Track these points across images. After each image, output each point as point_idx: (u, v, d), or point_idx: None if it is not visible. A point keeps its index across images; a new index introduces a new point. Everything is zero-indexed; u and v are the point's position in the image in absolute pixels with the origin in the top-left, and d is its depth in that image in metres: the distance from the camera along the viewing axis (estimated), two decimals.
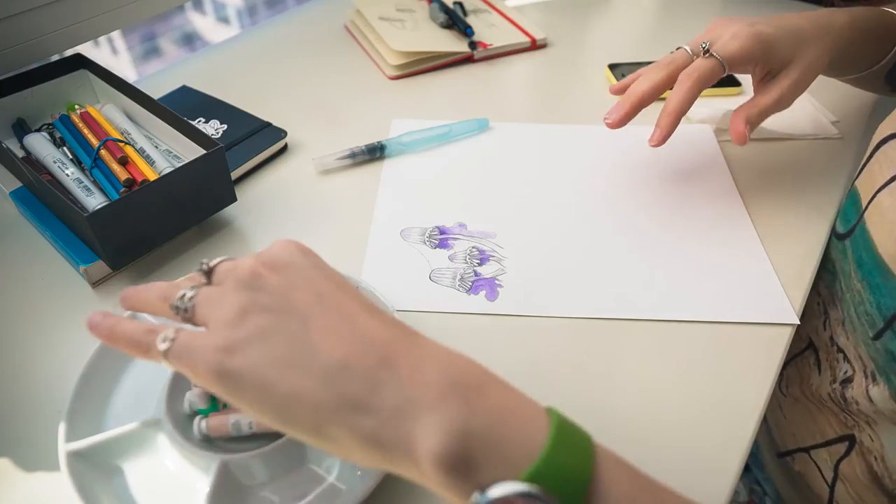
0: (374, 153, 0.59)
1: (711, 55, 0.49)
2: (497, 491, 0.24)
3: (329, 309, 0.29)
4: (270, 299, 0.29)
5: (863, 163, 0.48)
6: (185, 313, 0.30)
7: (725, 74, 0.50)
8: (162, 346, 0.29)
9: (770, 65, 0.51)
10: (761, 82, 0.52)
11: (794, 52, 0.50)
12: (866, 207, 0.45)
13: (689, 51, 0.51)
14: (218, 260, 0.32)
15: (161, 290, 0.32)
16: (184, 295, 0.30)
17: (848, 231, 0.48)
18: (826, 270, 0.52)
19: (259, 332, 0.28)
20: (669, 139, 0.61)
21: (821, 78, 0.70)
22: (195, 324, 0.30)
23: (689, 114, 0.64)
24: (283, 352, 0.27)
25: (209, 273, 0.31)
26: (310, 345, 0.27)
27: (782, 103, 0.51)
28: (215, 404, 0.37)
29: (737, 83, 0.68)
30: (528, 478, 0.24)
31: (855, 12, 0.53)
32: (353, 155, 0.58)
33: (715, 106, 0.64)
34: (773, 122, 0.63)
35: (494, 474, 0.25)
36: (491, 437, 0.25)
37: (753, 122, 0.51)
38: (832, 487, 0.51)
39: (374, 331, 0.28)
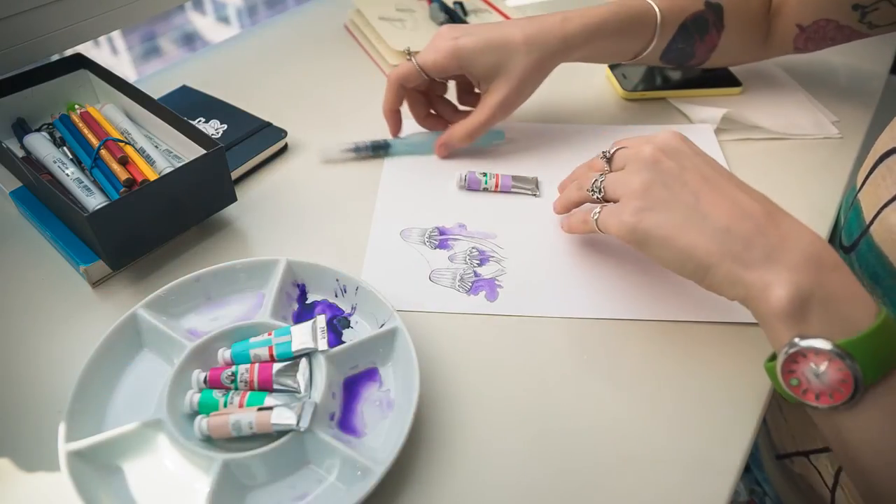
0: (378, 150, 0.59)
1: (412, 59, 0.54)
2: (814, 342, 0.33)
3: (713, 187, 0.39)
4: (668, 178, 0.39)
5: (865, 176, 0.48)
6: (599, 193, 0.43)
7: (425, 80, 0.55)
8: (593, 218, 0.42)
9: (473, 76, 0.54)
10: (481, 89, 0.56)
11: (497, 66, 0.53)
12: (871, 223, 0.45)
13: (410, 59, 0.55)
14: (615, 148, 0.44)
15: (576, 180, 0.46)
16: (595, 180, 0.43)
17: (852, 244, 0.48)
18: None
19: (662, 202, 0.39)
20: None
21: (820, 77, 0.70)
22: (608, 200, 0.42)
23: (689, 114, 0.65)
24: (681, 217, 0.38)
25: (610, 160, 0.44)
26: (701, 213, 0.38)
27: (493, 120, 0.55)
28: (216, 403, 0.37)
29: (737, 83, 0.68)
30: (843, 345, 0.32)
31: (593, 13, 0.54)
32: (357, 149, 0.58)
33: (715, 106, 0.64)
34: (773, 122, 0.63)
35: (817, 332, 0.33)
36: (827, 307, 0.33)
37: (452, 144, 0.56)
38: (833, 492, 0.50)
39: (749, 204, 0.38)
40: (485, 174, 0.55)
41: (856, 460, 0.34)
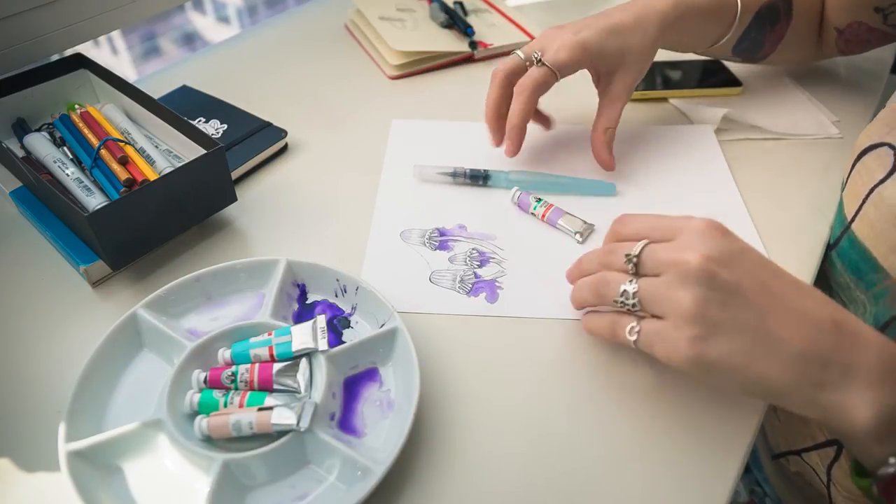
0: (477, 180, 0.56)
1: (543, 64, 0.52)
2: None
3: (775, 299, 0.34)
4: (725, 295, 0.33)
5: (846, 175, 0.48)
6: (633, 307, 0.36)
7: (558, 80, 0.53)
8: (631, 337, 0.36)
9: (601, 67, 0.54)
10: (601, 81, 0.56)
11: (622, 51, 0.53)
12: (852, 220, 0.45)
13: (521, 56, 0.54)
14: (641, 246, 0.36)
15: (594, 286, 0.39)
16: (625, 291, 0.36)
17: (835, 242, 0.49)
18: (821, 284, 0.52)
19: (722, 326, 0.33)
20: (669, 139, 0.62)
21: (820, 77, 0.70)
22: (644, 312, 0.36)
23: (689, 114, 0.65)
24: (749, 343, 0.33)
25: (637, 263, 0.36)
26: (771, 336, 0.33)
27: (625, 104, 0.55)
28: (216, 403, 0.37)
29: (737, 83, 0.68)
30: None
31: None
32: (454, 174, 0.56)
33: (715, 106, 0.64)
34: (774, 122, 0.63)
35: None
36: None
37: (610, 141, 0.55)
38: (828, 489, 0.51)
39: (816, 314, 0.34)
40: (539, 200, 0.53)
41: None
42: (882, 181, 0.42)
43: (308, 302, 0.45)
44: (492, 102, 0.55)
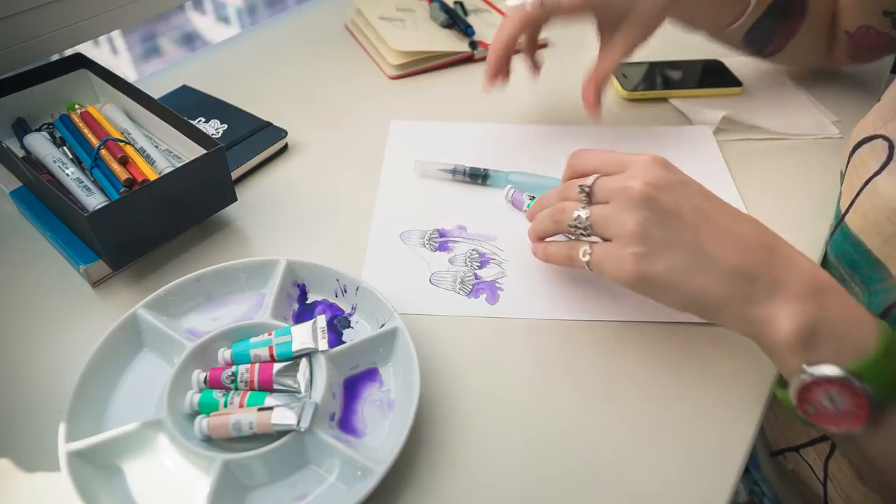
0: (476, 178, 0.56)
1: (543, 3, 0.53)
2: (823, 370, 0.33)
3: (709, 220, 0.37)
4: (664, 217, 0.37)
5: (843, 168, 0.48)
6: (584, 231, 0.40)
7: (547, 19, 0.54)
8: (584, 259, 0.40)
9: (606, 14, 0.54)
10: (604, 31, 0.55)
11: (630, 3, 0.53)
12: (846, 212, 0.46)
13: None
14: (593, 179, 0.40)
15: (552, 213, 0.42)
16: (578, 216, 0.40)
17: (829, 235, 0.49)
18: None
19: (661, 245, 0.36)
20: (669, 140, 0.62)
21: (820, 77, 0.70)
22: (594, 236, 0.40)
23: (689, 114, 0.65)
24: (685, 260, 0.36)
25: (589, 192, 0.40)
26: (705, 254, 0.36)
27: (625, 55, 0.54)
28: (216, 403, 0.37)
29: (737, 83, 0.68)
30: (852, 369, 0.32)
31: None
32: (454, 171, 0.56)
33: (715, 106, 0.64)
34: (774, 122, 0.63)
35: (824, 358, 0.33)
36: (831, 332, 0.34)
37: (601, 85, 0.54)
38: (824, 485, 0.51)
39: (747, 235, 0.37)
40: (532, 198, 0.52)
41: (883, 474, 0.35)
42: (877, 173, 0.42)
43: (308, 302, 0.45)
44: (505, 37, 0.54)
